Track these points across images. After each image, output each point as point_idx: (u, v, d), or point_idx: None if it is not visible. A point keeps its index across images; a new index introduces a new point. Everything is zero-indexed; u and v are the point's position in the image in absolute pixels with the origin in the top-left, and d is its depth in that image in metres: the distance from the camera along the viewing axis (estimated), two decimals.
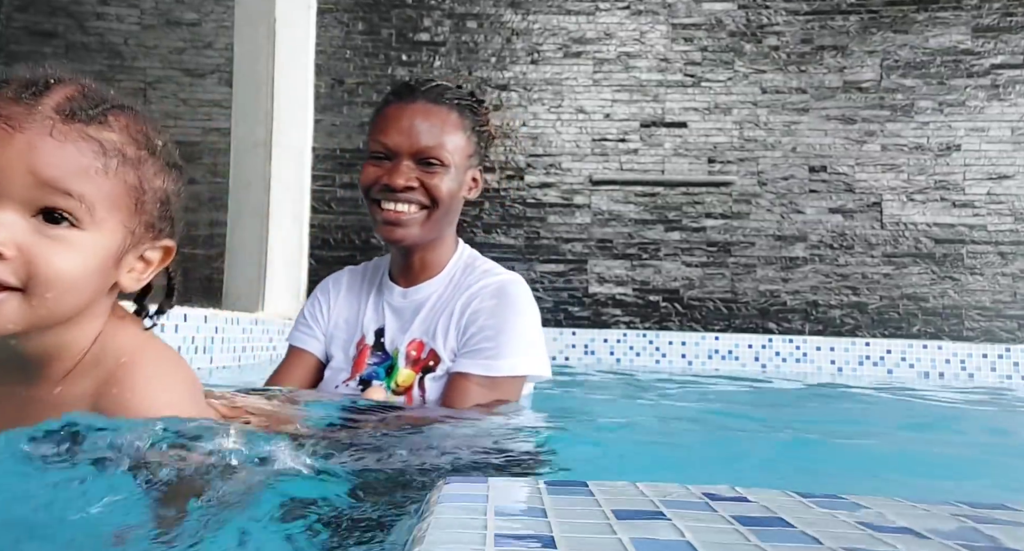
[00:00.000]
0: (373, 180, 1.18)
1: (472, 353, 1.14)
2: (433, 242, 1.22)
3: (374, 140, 1.20)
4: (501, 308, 1.16)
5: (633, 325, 3.67)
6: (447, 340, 1.17)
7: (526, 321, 1.19)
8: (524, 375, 1.17)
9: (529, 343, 1.17)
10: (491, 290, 1.18)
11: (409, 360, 1.19)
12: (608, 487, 0.45)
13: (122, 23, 3.86)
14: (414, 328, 1.21)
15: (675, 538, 0.35)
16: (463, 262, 1.27)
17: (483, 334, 1.14)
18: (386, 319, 1.24)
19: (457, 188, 1.21)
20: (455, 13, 3.85)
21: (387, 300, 1.25)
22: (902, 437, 1.47)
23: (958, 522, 0.40)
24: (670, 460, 0.95)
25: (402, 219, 1.16)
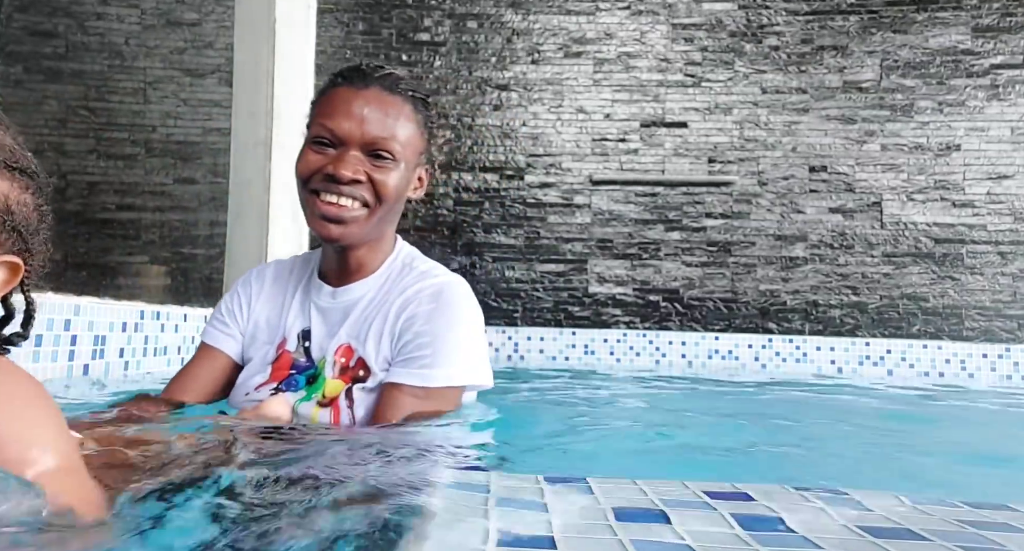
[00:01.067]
0: (315, 168, 1.04)
1: (406, 362, 1.03)
2: (371, 242, 1.11)
3: (319, 124, 1.06)
4: (439, 313, 1.05)
5: (633, 325, 3.66)
6: (379, 347, 1.06)
7: (466, 328, 1.08)
8: (462, 386, 1.06)
9: (468, 351, 1.06)
10: (429, 293, 1.07)
11: (337, 368, 1.07)
12: (608, 484, 0.45)
13: (122, 23, 3.86)
14: (342, 332, 1.08)
15: (674, 540, 0.35)
16: (400, 262, 1.15)
17: (418, 341, 1.03)
18: (312, 321, 1.11)
19: (405, 186, 1.09)
20: (455, 13, 3.84)
21: (314, 300, 1.13)
22: (902, 437, 1.47)
23: (958, 522, 0.39)
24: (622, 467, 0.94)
25: (343, 215, 1.03)
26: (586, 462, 1.02)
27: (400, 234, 1.18)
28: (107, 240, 3.18)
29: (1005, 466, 1.10)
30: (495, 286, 3.69)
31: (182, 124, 3.89)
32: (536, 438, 1.19)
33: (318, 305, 1.12)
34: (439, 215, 3.75)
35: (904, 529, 0.38)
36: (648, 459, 1.06)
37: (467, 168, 3.79)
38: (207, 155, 3.78)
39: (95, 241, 3.05)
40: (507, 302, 3.68)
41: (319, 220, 1.04)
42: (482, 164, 3.78)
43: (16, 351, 0.72)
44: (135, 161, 3.61)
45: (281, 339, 1.12)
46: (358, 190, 1.03)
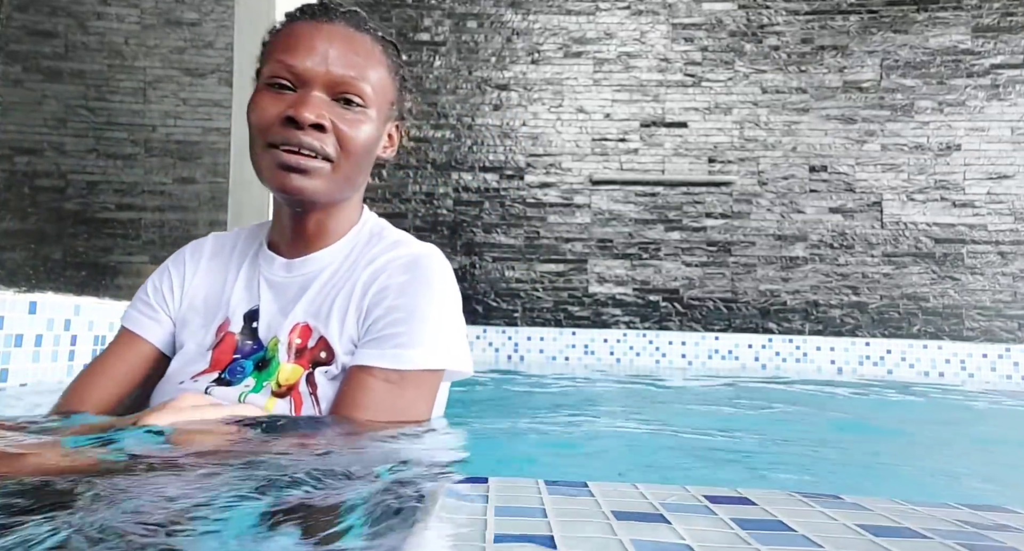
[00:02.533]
0: (273, 116, 0.88)
1: (377, 341, 0.89)
2: (337, 204, 0.96)
3: (276, 62, 0.89)
4: (415, 285, 0.92)
5: (633, 325, 3.67)
6: (344, 325, 0.92)
7: (445, 302, 0.95)
8: (442, 370, 0.92)
9: (448, 330, 0.94)
10: (402, 263, 0.94)
11: (293, 351, 0.92)
12: (608, 488, 0.45)
13: (122, 23, 3.86)
14: (299, 309, 0.94)
15: (674, 540, 0.35)
16: (367, 231, 1.01)
17: (392, 317, 0.90)
18: (261, 298, 0.96)
19: (375, 140, 0.94)
20: (455, 13, 3.84)
21: (264, 274, 0.98)
22: (902, 437, 1.47)
23: (957, 522, 0.39)
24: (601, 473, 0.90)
25: (305, 165, 0.88)
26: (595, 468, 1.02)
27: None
28: (107, 240, 3.18)
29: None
30: (495, 286, 3.69)
31: (182, 124, 3.89)
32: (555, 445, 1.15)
33: (269, 280, 0.97)
34: (439, 215, 3.75)
35: (904, 528, 0.38)
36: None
37: (467, 168, 3.79)
38: (207, 155, 3.78)
39: (95, 241, 3.05)
40: (507, 302, 3.68)
41: (278, 170, 0.88)
42: (482, 164, 3.78)
43: (16, 351, 0.72)
44: (135, 161, 3.61)
45: (223, 320, 0.97)
46: (321, 139, 0.88)
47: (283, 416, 0.87)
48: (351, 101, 0.90)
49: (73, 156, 3.64)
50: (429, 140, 3.80)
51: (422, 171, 3.79)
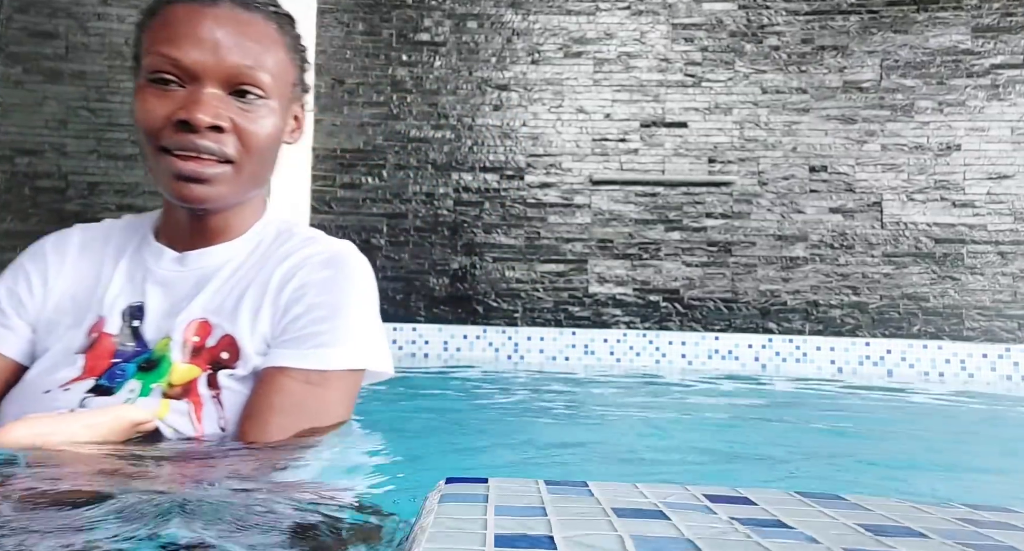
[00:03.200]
0: (163, 118, 0.78)
1: (297, 340, 0.82)
2: (242, 202, 0.89)
3: (157, 54, 0.78)
4: (338, 281, 0.86)
5: (633, 325, 3.67)
6: (256, 323, 0.83)
7: (367, 300, 0.89)
8: (363, 370, 0.86)
9: (370, 328, 0.87)
10: (322, 259, 0.88)
11: (188, 349, 0.82)
12: (608, 488, 0.45)
13: (123, 23, 3.85)
14: (196, 305, 0.84)
15: (675, 535, 0.35)
16: (274, 226, 0.93)
17: (313, 314, 0.83)
18: (147, 295, 0.86)
19: (279, 130, 0.86)
20: (455, 13, 3.85)
21: (151, 268, 0.87)
22: (901, 437, 1.47)
23: (959, 524, 0.40)
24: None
25: (205, 173, 0.79)
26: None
27: (400, 234, 1.06)
28: None
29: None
30: (495, 286, 3.69)
31: None
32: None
33: (157, 275, 0.87)
34: (439, 215, 3.76)
35: (904, 528, 0.38)
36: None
37: (467, 168, 3.79)
38: None
39: None
40: (507, 302, 3.68)
41: (173, 180, 0.79)
42: (482, 164, 3.79)
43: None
44: (135, 161, 3.61)
45: (95, 320, 0.85)
46: (220, 141, 0.79)
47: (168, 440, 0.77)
48: (249, 93, 0.81)
49: (74, 157, 3.64)
50: (429, 140, 3.80)
51: (422, 171, 3.79)
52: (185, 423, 0.79)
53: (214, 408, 0.80)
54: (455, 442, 1.11)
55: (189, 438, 0.78)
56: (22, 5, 3.74)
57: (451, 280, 3.70)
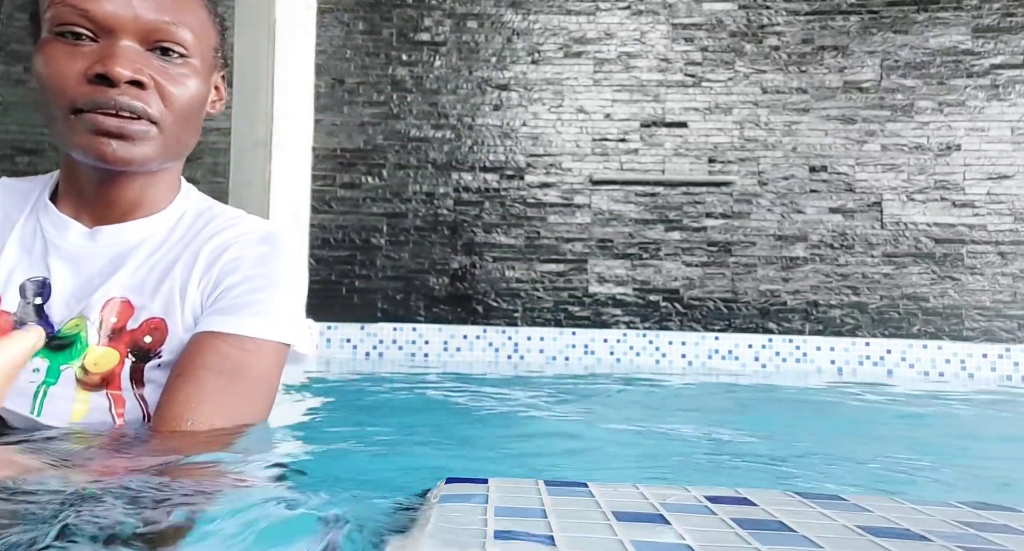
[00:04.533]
0: (76, 74, 0.71)
1: (232, 308, 0.77)
2: (162, 171, 0.82)
3: (65, 5, 0.71)
4: (274, 257, 0.83)
5: (633, 325, 3.67)
6: (184, 301, 0.78)
7: (301, 279, 0.86)
8: (289, 347, 0.82)
9: (300, 308, 0.84)
10: (258, 236, 0.84)
11: (105, 330, 0.75)
12: (608, 488, 0.45)
13: None
14: (115, 283, 0.77)
15: (675, 540, 0.35)
16: (193, 205, 0.87)
17: (251, 284, 0.79)
18: (52, 271, 0.78)
19: (204, 95, 0.80)
20: (456, 13, 3.85)
21: (54, 241, 0.79)
22: (901, 438, 1.47)
23: (958, 524, 0.40)
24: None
25: (128, 129, 0.72)
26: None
27: (400, 234, 1.04)
28: None
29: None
30: (495, 286, 3.69)
31: None
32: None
33: (62, 249, 0.79)
34: (439, 215, 3.76)
35: (903, 530, 0.38)
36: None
37: (467, 168, 3.79)
38: (207, 155, 3.78)
39: None
40: (507, 302, 3.68)
41: (93, 137, 0.71)
42: (482, 164, 3.79)
43: None
44: None
45: None
46: (141, 98, 0.72)
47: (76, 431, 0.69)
48: (170, 50, 0.75)
49: None
50: (429, 140, 3.80)
51: (422, 171, 3.79)
52: (104, 421, 0.73)
53: (137, 404, 0.74)
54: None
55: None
56: (23, 4, 3.74)
57: (451, 280, 3.70)
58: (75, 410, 0.72)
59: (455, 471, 0.61)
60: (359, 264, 3.67)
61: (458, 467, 0.86)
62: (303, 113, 3.65)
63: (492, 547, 0.34)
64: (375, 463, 0.82)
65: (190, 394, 0.72)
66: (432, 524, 0.37)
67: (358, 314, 3.63)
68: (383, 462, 0.83)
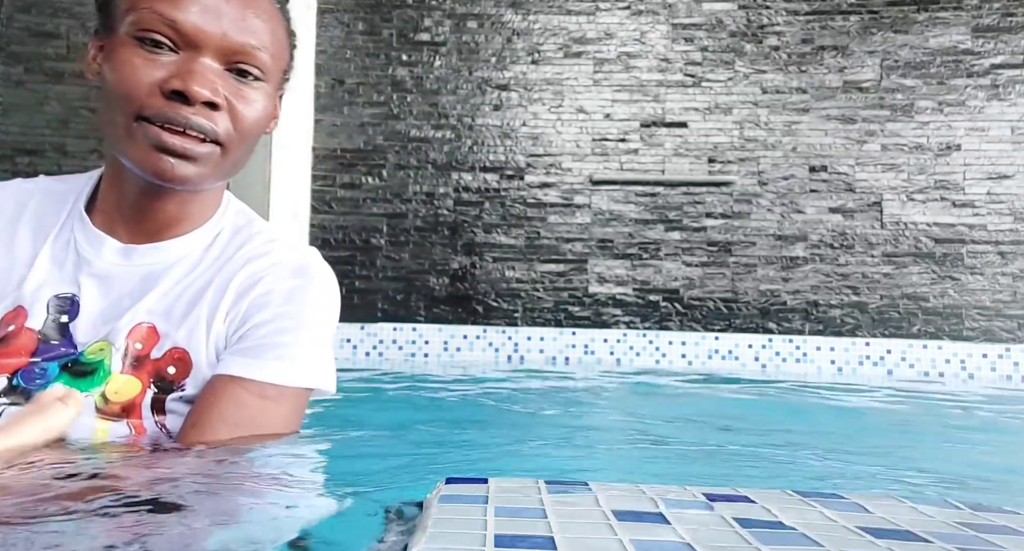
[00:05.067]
0: (151, 84, 0.68)
1: (256, 349, 0.73)
2: (209, 190, 0.79)
3: (151, 12, 0.68)
4: (306, 292, 0.78)
5: (633, 325, 3.67)
6: (211, 333, 0.74)
7: (331, 316, 0.82)
8: (313, 389, 0.79)
9: (327, 345, 0.81)
10: (291, 267, 0.80)
11: (129, 359, 0.72)
12: (609, 487, 0.45)
13: None
14: (143, 307, 0.74)
15: (675, 539, 0.35)
16: (230, 221, 0.83)
17: (278, 324, 0.75)
18: (83, 288, 0.74)
19: (270, 117, 0.79)
20: (456, 13, 3.85)
21: (86, 256, 0.75)
22: (900, 437, 1.47)
23: (959, 525, 0.40)
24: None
25: (193, 151, 0.70)
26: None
27: (400, 234, 1.02)
28: None
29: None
30: (495, 286, 3.69)
31: None
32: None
33: (94, 266, 0.75)
34: (439, 215, 3.76)
35: (904, 531, 0.38)
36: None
37: (467, 168, 3.79)
38: None
39: None
40: (507, 302, 3.68)
41: (154, 152, 0.68)
42: (482, 164, 3.79)
43: None
44: None
45: (12, 308, 0.73)
46: (213, 119, 0.70)
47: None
48: (247, 72, 0.72)
49: (75, 157, 3.64)
50: (429, 140, 3.80)
51: (422, 171, 3.79)
52: None
53: (159, 432, 0.72)
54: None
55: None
56: (24, 5, 3.74)
57: (451, 280, 3.70)
58: (95, 439, 0.69)
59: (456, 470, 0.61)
60: (359, 264, 3.67)
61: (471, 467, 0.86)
62: (303, 113, 3.65)
63: (492, 548, 0.34)
64: (375, 463, 0.82)
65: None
66: (432, 524, 0.37)
67: (358, 314, 3.63)
68: (382, 462, 0.83)
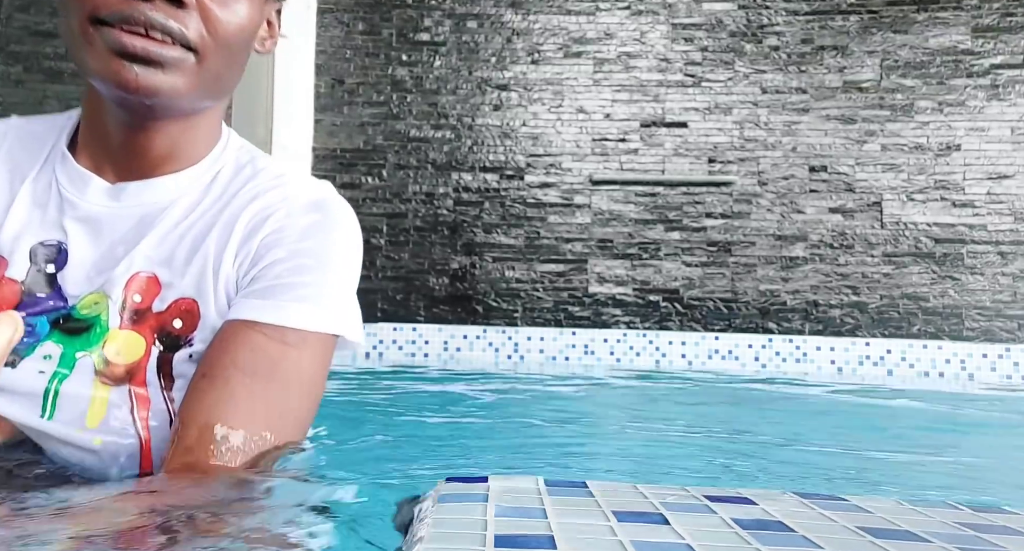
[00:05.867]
0: None
1: (273, 290, 0.64)
2: (198, 114, 0.68)
3: None
4: (325, 229, 0.69)
5: (633, 325, 3.67)
6: (219, 279, 0.65)
7: (354, 256, 0.73)
8: (338, 337, 0.69)
9: (353, 289, 0.72)
10: (306, 202, 0.71)
11: (128, 312, 0.63)
12: (608, 488, 0.45)
13: None
14: (140, 254, 0.65)
15: (675, 540, 0.35)
16: (232, 157, 0.74)
17: (296, 262, 0.66)
18: (69, 234, 0.65)
19: (253, 27, 0.67)
20: (455, 13, 3.85)
21: (71, 198, 0.66)
22: (899, 437, 1.47)
23: (959, 525, 0.40)
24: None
25: (158, 53, 0.59)
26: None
27: (400, 234, 0.99)
28: None
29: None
30: (495, 286, 3.69)
31: None
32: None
33: (81, 209, 0.66)
34: (439, 215, 3.76)
35: (904, 531, 0.38)
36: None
37: (467, 168, 3.79)
38: None
39: None
40: (507, 302, 3.68)
41: (114, 58, 0.58)
42: (482, 164, 3.79)
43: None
44: None
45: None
46: (179, 18, 0.59)
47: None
48: None
49: None
50: (429, 140, 3.80)
51: (422, 171, 3.79)
52: (125, 427, 0.61)
53: (165, 407, 0.62)
54: None
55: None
56: (22, 4, 3.74)
57: (451, 280, 3.70)
58: (91, 413, 0.60)
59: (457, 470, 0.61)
60: None
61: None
62: (303, 113, 3.65)
63: (492, 548, 0.34)
64: (376, 461, 0.82)
65: (218, 400, 0.59)
66: (432, 524, 0.37)
67: None
68: (382, 461, 0.83)
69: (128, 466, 0.61)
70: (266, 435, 0.60)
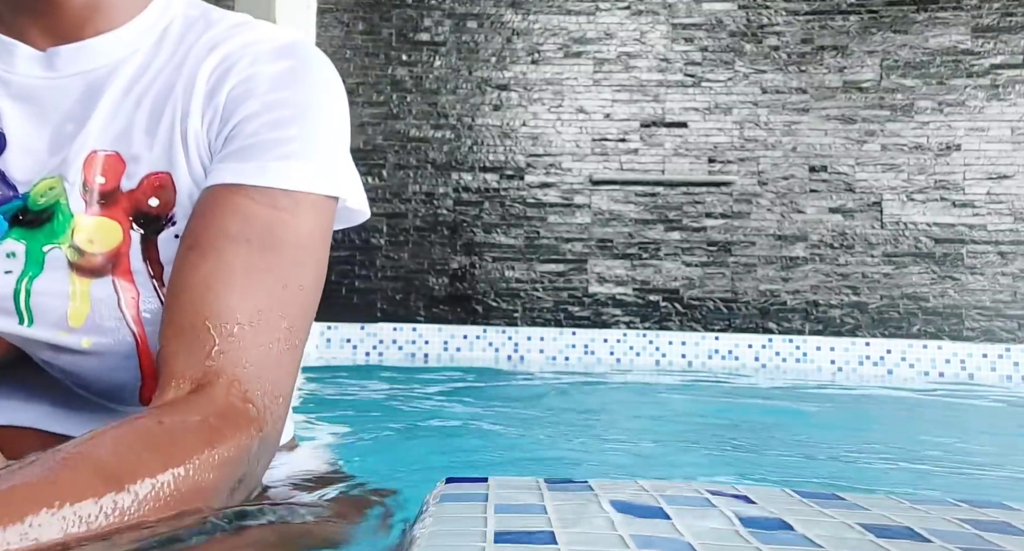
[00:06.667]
0: None
1: (253, 149, 0.55)
2: None
3: None
4: (299, 77, 0.59)
5: (633, 325, 3.67)
6: (188, 143, 0.57)
7: (341, 107, 0.62)
8: (337, 199, 0.60)
9: (345, 145, 0.63)
10: (274, 47, 0.60)
11: (94, 196, 0.55)
12: (610, 484, 0.45)
13: None
14: (94, 127, 0.56)
15: (675, 536, 0.35)
16: (179, 11, 0.62)
17: (273, 114, 0.56)
18: (4, 114, 0.56)
19: None
20: (455, 13, 3.85)
21: (0, 74, 0.57)
22: (899, 437, 1.47)
23: (959, 523, 0.40)
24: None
25: None
26: None
27: (400, 234, 0.99)
28: None
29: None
30: (495, 286, 3.69)
31: None
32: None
33: (12, 84, 0.57)
34: (439, 215, 3.76)
35: (904, 528, 0.38)
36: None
37: (467, 168, 3.79)
38: None
39: None
40: (507, 302, 3.68)
41: None
42: (482, 164, 3.79)
43: None
44: None
45: None
46: None
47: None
48: None
49: None
50: (429, 140, 3.80)
51: (422, 171, 3.79)
52: (114, 323, 0.54)
53: (156, 296, 0.55)
54: None
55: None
56: None
57: (451, 280, 3.70)
58: (73, 311, 0.53)
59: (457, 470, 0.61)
60: (359, 264, 3.67)
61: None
62: None
63: (492, 549, 0.34)
64: (374, 462, 0.82)
65: (210, 275, 0.52)
66: (432, 524, 0.37)
67: (358, 314, 3.63)
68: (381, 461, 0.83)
69: (126, 366, 0.55)
70: (280, 323, 0.52)
